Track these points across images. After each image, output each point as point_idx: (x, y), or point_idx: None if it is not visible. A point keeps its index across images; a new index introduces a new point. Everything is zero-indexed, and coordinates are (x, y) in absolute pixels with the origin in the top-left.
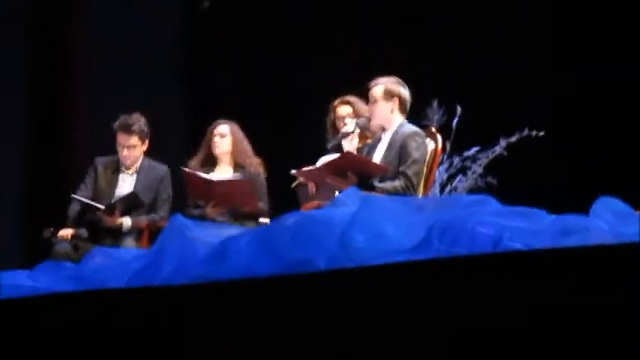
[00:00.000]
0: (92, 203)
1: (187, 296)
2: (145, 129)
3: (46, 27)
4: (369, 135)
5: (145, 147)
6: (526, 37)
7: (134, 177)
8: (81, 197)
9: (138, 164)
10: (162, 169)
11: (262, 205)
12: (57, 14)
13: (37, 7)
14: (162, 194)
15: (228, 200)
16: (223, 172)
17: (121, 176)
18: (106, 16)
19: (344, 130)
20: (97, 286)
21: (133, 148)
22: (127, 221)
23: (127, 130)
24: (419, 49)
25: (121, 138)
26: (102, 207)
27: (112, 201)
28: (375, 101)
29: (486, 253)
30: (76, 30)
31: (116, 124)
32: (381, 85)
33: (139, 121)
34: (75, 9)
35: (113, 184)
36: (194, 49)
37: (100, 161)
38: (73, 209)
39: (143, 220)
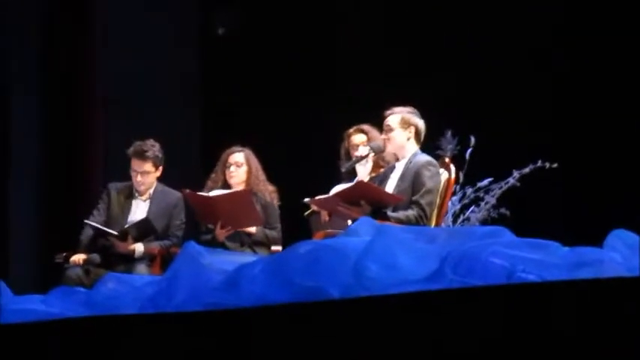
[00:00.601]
0: (105, 229)
1: (200, 324)
2: (160, 155)
3: (61, 50)
4: (382, 163)
5: (158, 173)
6: (540, 68)
7: (147, 203)
8: (94, 223)
9: (151, 190)
10: (176, 195)
11: (275, 233)
12: (74, 36)
13: (55, 28)
14: (175, 220)
15: (233, 216)
16: None
17: (135, 202)
18: (124, 38)
19: (357, 153)
20: (109, 312)
21: (146, 174)
22: (139, 247)
23: (142, 156)
24: (433, 79)
25: (135, 164)
26: (115, 233)
27: (125, 227)
28: (391, 129)
29: (500, 285)
30: (92, 53)
31: (130, 150)
32: (397, 114)
33: (153, 147)
34: (93, 31)
35: (126, 209)
36: (210, 73)
37: (114, 187)
38: (86, 234)
39: (155, 246)
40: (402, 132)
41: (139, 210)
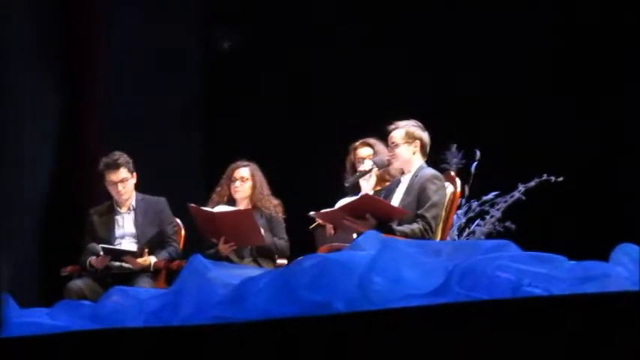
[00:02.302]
0: (122, 249)
1: (205, 337)
2: (130, 161)
3: (64, 74)
4: (387, 177)
5: (134, 180)
6: (547, 84)
7: (131, 214)
8: (108, 245)
9: (132, 201)
10: (160, 200)
11: (283, 242)
12: (76, 58)
13: (58, 51)
14: (167, 226)
15: (236, 233)
16: None
17: (117, 218)
18: (126, 58)
19: (362, 167)
20: (114, 326)
21: (125, 182)
22: (152, 260)
23: (114, 165)
24: (438, 93)
25: (110, 175)
26: (134, 250)
27: (115, 242)
28: (397, 145)
29: (506, 299)
30: (94, 75)
31: (101, 166)
32: (401, 129)
33: (121, 156)
34: (96, 53)
35: (111, 227)
36: (214, 87)
37: (94, 211)
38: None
39: (162, 257)
40: (407, 147)
41: (125, 223)
